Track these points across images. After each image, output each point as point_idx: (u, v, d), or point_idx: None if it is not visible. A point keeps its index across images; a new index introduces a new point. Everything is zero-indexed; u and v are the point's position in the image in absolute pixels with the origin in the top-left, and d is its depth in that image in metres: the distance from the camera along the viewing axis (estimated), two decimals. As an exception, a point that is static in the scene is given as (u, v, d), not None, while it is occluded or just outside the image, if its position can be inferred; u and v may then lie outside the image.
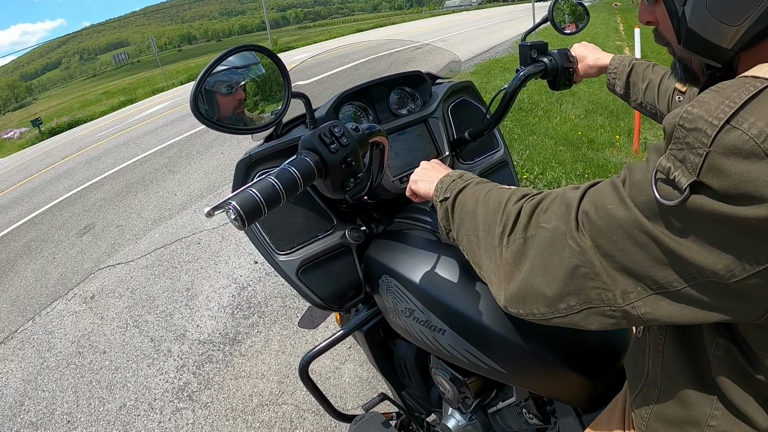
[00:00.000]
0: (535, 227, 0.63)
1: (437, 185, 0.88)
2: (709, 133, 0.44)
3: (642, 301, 0.54)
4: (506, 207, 0.69)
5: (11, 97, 75.57)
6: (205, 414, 2.31)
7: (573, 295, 0.59)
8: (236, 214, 0.68)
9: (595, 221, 0.55)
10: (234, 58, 0.94)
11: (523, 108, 6.01)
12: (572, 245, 0.57)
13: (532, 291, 0.63)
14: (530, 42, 1.23)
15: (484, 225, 0.72)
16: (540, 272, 0.61)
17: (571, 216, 0.58)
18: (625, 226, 0.52)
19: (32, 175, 9.80)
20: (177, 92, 18.44)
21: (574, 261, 0.57)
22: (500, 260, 0.68)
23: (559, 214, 0.60)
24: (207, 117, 0.88)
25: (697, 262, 0.48)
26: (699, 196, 0.45)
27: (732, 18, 0.52)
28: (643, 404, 0.71)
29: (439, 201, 0.85)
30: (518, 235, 0.65)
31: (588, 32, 13.16)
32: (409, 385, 1.38)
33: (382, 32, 29.29)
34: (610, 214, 0.53)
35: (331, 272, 1.15)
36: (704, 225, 0.46)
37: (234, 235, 4.09)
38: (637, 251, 0.52)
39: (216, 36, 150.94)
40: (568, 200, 0.60)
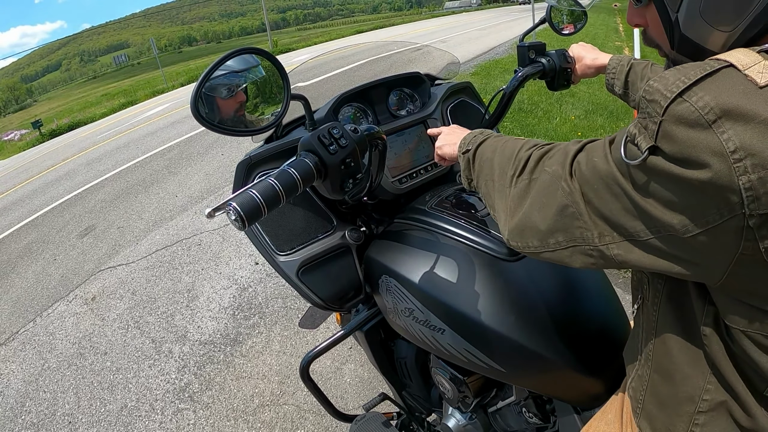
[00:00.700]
0: (539, 171, 0.69)
1: (461, 142, 0.93)
2: (662, 104, 0.49)
3: (615, 245, 0.59)
4: (519, 153, 0.75)
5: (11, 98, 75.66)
6: (206, 414, 2.31)
7: (561, 232, 0.64)
8: (236, 215, 0.68)
9: (583, 170, 0.60)
10: (233, 62, 0.95)
11: (523, 109, 6.02)
12: (564, 187, 0.63)
13: (528, 225, 0.69)
14: (528, 43, 1.23)
15: (499, 169, 0.78)
16: (537, 208, 0.67)
17: (567, 162, 0.64)
18: (605, 177, 0.57)
19: (33, 177, 9.80)
20: (177, 94, 18.45)
21: (564, 200, 0.63)
22: (508, 198, 0.74)
23: (560, 161, 0.66)
24: (207, 119, 0.89)
25: (657, 216, 0.52)
26: (656, 157, 0.50)
27: (725, 23, 0.54)
28: (638, 387, 0.73)
29: (462, 153, 0.90)
30: (525, 177, 0.71)
31: (588, 33, 13.17)
32: (409, 384, 1.38)
33: (382, 33, 29.30)
34: (595, 166, 0.59)
35: (331, 273, 1.16)
36: (661, 184, 0.51)
37: (235, 236, 4.10)
38: (612, 200, 0.57)
39: (216, 37, 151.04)
40: (568, 150, 0.66)
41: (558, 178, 0.64)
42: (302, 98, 1.09)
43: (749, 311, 0.54)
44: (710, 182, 0.46)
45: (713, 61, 0.50)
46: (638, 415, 0.73)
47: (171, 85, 22.82)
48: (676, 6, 0.58)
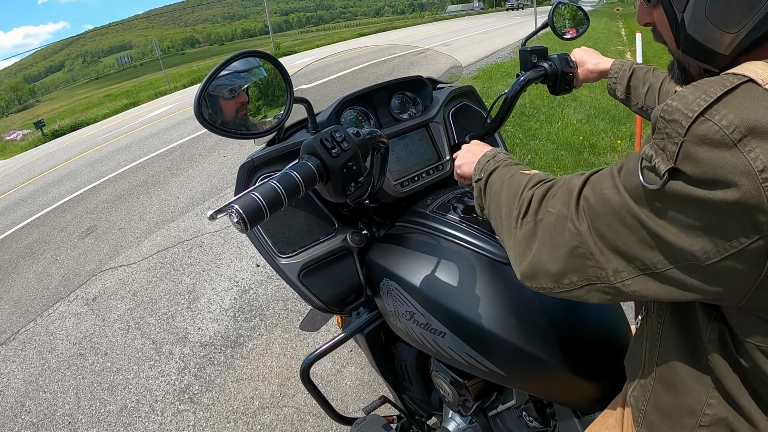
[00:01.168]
0: (543, 212, 0.68)
1: (476, 166, 0.93)
2: (684, 123, 0.47)
3: (632, 280, 0.57)
4: (523, 192, 0.74)
5: (14, 98, 75.82)
6: (206, 416, 2.31)
7: (574, 273, 0.63)
8: (239, 218, 0.69)
9: (593, 205, 0.59)
10: (236, 63, 0.95)
11: (525, 113, 6.02)
12: (571, 228, 0.61)
13: (540, 268, 0.67)
14: (530, 47, 1.23)
15: (506, 207, 0.77)
16: (546, 252, 0.66)
17: (572, 200, 0.62)
18: (617, 209, 0.55)
19: (35, 177, 9.83)
20: (180, 95, 18.51)
21: (573, 242, 0.61)
22: (515, 240, 0.72)
23: (563, 199, 0.64)
24: (210, 122, 0.89)
25: (676, 244, 0.51)
26: (676, 181, 0.48)
27: (730, 25, 0.53)
28: (641, 396, 0.72)
29: (475, 181, 0.91)
30: (530, 219, 0.70)
31: (590, 37, 13.18)
32: (409, 388, 1.38)
33: (385, 37, 29.33)
34: (605, 199, 0.57)
35: (332, 275, 1.16)
36: (682, 208, 0.49)
37: (236, 238, 4.11)
38: (627, 233, 0.55)
39: (219, 40, 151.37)
40: (571, 186, 0.64)
41: (564, 219, 0.63)
42: (305, 101, 1.09)
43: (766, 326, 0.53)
44: (737, 203, 0.45)
45: (731, 76, 0.49)
46: (639, 424, 0.73)
47: (173, 87, 22.91)
48: (682, 6, 0.57)
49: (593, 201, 0.59)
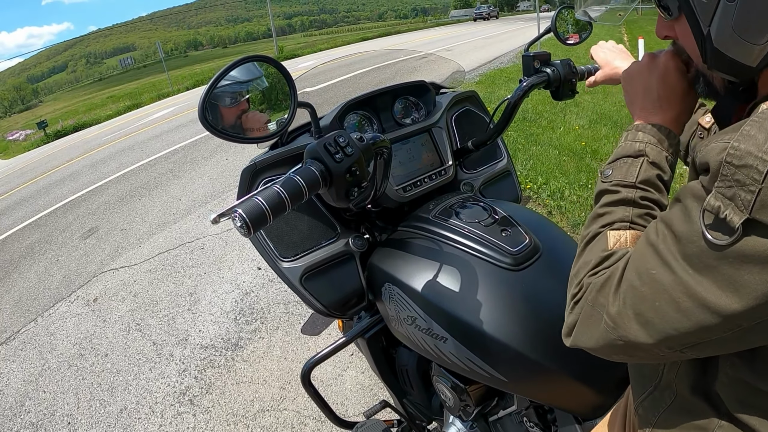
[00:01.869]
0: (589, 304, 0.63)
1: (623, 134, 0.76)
2: (760, 169, 0.43)
3: (688, 351, 0.54)
4: (586, 275, 0.67)
5: (17, 98, 76.04)
6: (206, 418, 2.31)
7: (618, 354, 0.60)
8: (242, 222, 0.69)
9: (639, 289, 0.53)
10: (238, 72, 0.96)
11: (527, 118, 6.03)
12: (608, 321, 0.57)
13: (583, 347, 0.65)
14: (533, 52, 1.24)
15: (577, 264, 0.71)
16: (585, 338, 0.63)
17: (612, 287, 0.58)
18: (671, 289, 0.50)
19: (37, 177, 9.85)
20: (183, 98, 18.55)
21: (610, 336, 0.58)
22: (566, 317, 0.69)
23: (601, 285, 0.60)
24: (214, 126, 0.90)
25: (746, 308, 0.46)
26: (752, 236, 0.44)
27: (757, 37, 0.52)
28: (651, 408, 0.71)
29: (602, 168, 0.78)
30: (579, 310, 0.65)
31: (592, 42, 13.17)
32: (410, 392, 1.38)
33: (388, 41, 29.40)
34: (655, 279, 0.52)
35: (334, 280, 1.16)
36: (759, 266, 0.44)
37: (237, 241, 4.11)
38: (683, 315, 0.50)
39: (222, 42, 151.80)
40: (613, 271, 0.60)
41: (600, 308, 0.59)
42: (308, 106, 1.10)
43: None
44: None
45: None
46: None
47: (176, 89, 22.96)
48: (708, 20, 0.54)
49: (638, 283, 0.54)
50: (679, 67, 0.70)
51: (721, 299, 0.47)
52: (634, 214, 0.68)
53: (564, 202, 3.69)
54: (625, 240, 0.66)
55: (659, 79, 0.71)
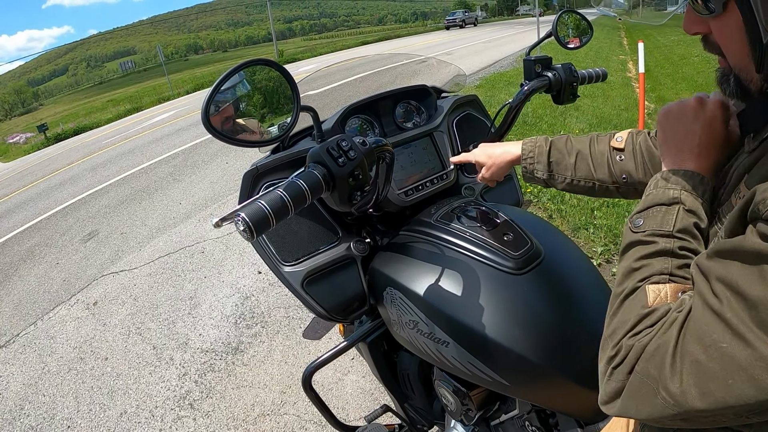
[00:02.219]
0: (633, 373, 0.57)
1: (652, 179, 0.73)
2: None
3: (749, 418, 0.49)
4: (625, 336, 0.60)
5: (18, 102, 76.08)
6: (206, 423, 2.31)
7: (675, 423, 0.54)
8: (245, 226, 0.69)
9: (705, 365, 0.47)
10: (240, 77, 0.96)
11: (528, 122, 6.04)
12: (666, 397, 0.51)
13: (632, 417, 0.60)
14: (534, 56, 1.24)
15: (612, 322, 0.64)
16: (636, 411, 0.56)
17: (666, 360, 0.51)
18: (748, 365, 0.44)
19: (37, 180, 9.85)
20: (183, 101, 18.57)
21: (669, 411, 0.51)
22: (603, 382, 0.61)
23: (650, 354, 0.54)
24: (217, 130, 0.90)
25: None
26: None
27: None
28: None
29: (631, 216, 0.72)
30: (620, 377, 0.58)
31: (592, 47, 13.24)
32: (411, 396, 1.38)
33: (388, 45, 29.47)
34: (726, 354, 0.45)
35: (335, 284, 1.16)
36: None
37: (238, 244, 4.11)
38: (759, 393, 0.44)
39: (222, 46, 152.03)
40: (665, 340, 0.53)
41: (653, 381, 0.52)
42: (311, 110, 1.10)
43: None
44: None
45: None
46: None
47: (177, 93, 22.99)
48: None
49: (704, 358, 0.47)
50: (726, 117, 0.67)
51: None
52: (674, 266, 0.62)
53: (564, 205, 3.69)
54: (666, 294, 0.60)
55: (704, 127, 0.68)
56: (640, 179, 0.91)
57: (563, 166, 1.00)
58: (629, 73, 9.69)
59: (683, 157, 0.69)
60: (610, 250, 3.05)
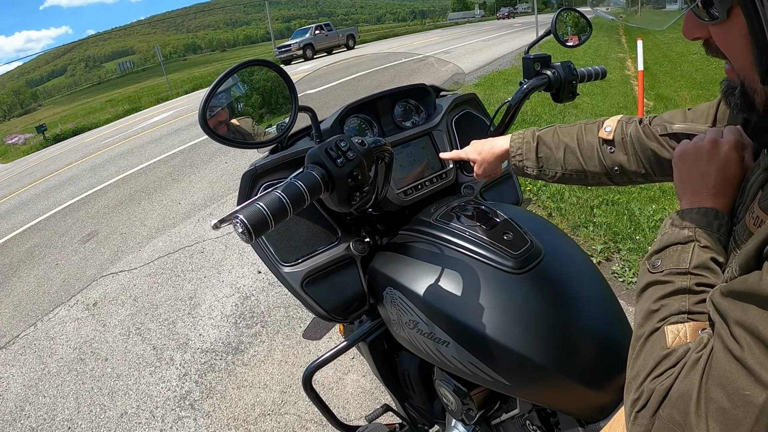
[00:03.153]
0: (657, 417, 0.55)
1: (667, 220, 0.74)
2: None
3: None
4: (647, 379, 0.59)
5: (16, 102, 76.00)
6: (206, 423, 2.30)
7: None
8: (243, 228, 0.68)
9: (730, 411, 0.45)
10: (238, 77, 0.96)
11: (526, 120, 6.03)
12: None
13: None
14: (533, 55, 1.24)
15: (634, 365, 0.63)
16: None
17: (691, 406, 0.50)
18: None
19: (36, 181, 9.85)
20: (182, 101, 18.56)
21: None
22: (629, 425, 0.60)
23: (675, 400, 0.53)
24: (215, 131, 0.90)
25: None
26: None
27: None
28: None
29: (646, 259, 0.72)
30: (644, 421, 0.57)
31: (591, 44, 13.23)
32: (412, 396, 1.38)
33: (386, 44, 29.44)
34: (750, 402, 0.44)
35: (335, 284, 1.16)
36: None
37: (237, 244, 4.11)
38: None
39: (221, 46, 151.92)
40: (688, 386, 0.51)
41: (679, 427, 0.51)
42: (309, 110, 1.10)
43: None
44: None
45: None
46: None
47: (175, 93, 22.97)
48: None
49: (727, 405, 0.46)
50: (740, 157, 0.67)
51: None
52: (691, 303, 0.62)
53: (564, 204, 3.69)
54: (685, 334, 0.59)
55: (719, 169, 0.67)
56: (633, 171, 0.91)
57: (552, 160, 1.01)
58: (628, 70, 9.69)
59: (700, 197, 0.69)
60: (610, 248, 3.05)
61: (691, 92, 6.74)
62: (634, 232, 3.11)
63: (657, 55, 11.61)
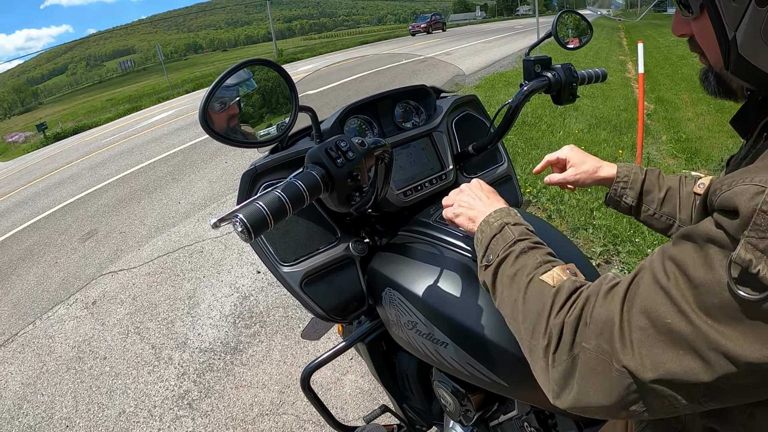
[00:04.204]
0: (578, 346, 0.58)
1: (477, 234, 0.83)
2: None
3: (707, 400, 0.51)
4: (549, 318, 0.62)
5: (17, 101, 76.00)
6: (204, 422, 2.30)
7: (633, 404, 0.55)
8: (243, 227, 0.68)
9: (653, 335, 0.50)
10: (238, 77, 0.96)
11: (527, 122, 6.04)
12: (621, 369, 0.53)
13: (589, 405, 0.58)
14: (534, 57, 1.24)
15: (526, 326, 0.66)
16: (592, 391, 0.57)
17: (615, 332, 0.53)
18: (691, 340, 0.47)
19: (36, 180, 9.85)
20: (182, 101, 18.56)
21: (627, 380, 0.53)
22: (548, 374, 0.62)
23: (598, 331, 0.55)
24: (215, 130, 0.90)
25: None
26: None
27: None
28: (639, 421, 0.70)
29: (480, 266, 0.79)
30: (564, 357, 0.59)
31: (592, 47, 13.24)
32: (410, 397, 1.38)
33: (387, 45, 29.46)
34: (671, 329, 0.48)
35: (334, 284, 1.16)
36: None
37: (237, 244, 4.10)
38: (705, 367, 0.47)
39: (222, 46, 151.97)
40: (607, 314, 0.55)
41: (607, 356, 0.54)
42: (309, 110, 1.10)
43: None
44: None
45: None
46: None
47: (176, 92, 22.98)
48: (734, 24, 0.50)
49: (651, 331, 0.50)
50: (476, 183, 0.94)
51: (749, 351, 0.44)
52: (542, 254, 0.72)
53: (563, 206, 3.69)
54: (558, 274, 0.66)
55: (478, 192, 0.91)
56: None
57: (651, 197, 1.02)
58: (628, 73, 9.69)
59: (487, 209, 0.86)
60: (609, 250, 3.05)
61: (692, 95, 6.74)
62: (634, 234, 3.11)
63: (658, 58, 11.62)
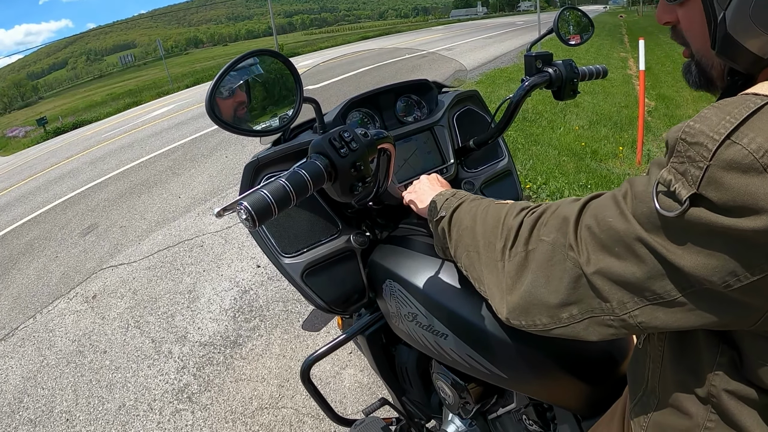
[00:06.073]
0: (535, 240, 0.65)
1: (430, 206, 0.92)
2: (710, 147, 0.45)
3: (639, 311, 0.55)
4: (506, 221, 0.70)
5: (17, 95, 75.87)
6: (204, 416, 2.31)
7: (575, 305, 0.60)
8: (247, 214, 0.69)
9: (596, 234, 0.56)
10: (244, 66, 0.96)
11: (528, 118, 6.03)
12: (573, 256, 0.59)
13: (534, 301, 0.64)
14: (535, 52, 1.24)
15: (484, 240, 0.73)
16: (542, 283, 0.63)
17: (570, 228, 0.60)
18: (625, 238, 0.53)
19: (36, 174, 9.84)
20: (183, 95, 18.53)
21: (576, 271, 0.59)
22: (502, 273, 0.69)
23: (557, 226, 0.62)
24: (221, 118, 0.90)
25: (693, 272, 0.49)
26: (698, 208, 0.47)
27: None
28: (641, 413, 0.71)
29: (434, 220, 0.88)
30: (519, 249, 0.66)
31: (593, 44, 13.22)
32: (409, 390, 1.38)
33: (388, 41, 29.40)
34: (611, 227, 0.54)
35: (335, 276, 1.16)
36: (702, 236, 0.47)
37: (237, 238, 4.11)
38: (635, 263, 0.53)
39: (223, 40, 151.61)
40: (566, 213, 0.62)
41: (561, 247, 0.60)
42: (314, 102, 1.10)
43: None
44: (765, 231, 0.43)
45: (753, 96, 0.47)
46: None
47: (176, 87, 22.94)
48: (725, 3, 0.53)
49: (596, 229, 0.56)
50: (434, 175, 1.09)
51: (670, 254, 0.50)
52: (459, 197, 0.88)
53: (564, 202, 3.69)
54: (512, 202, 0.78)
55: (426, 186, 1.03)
56: None
57: None
58: (630, 70, 9.68)
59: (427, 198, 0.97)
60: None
61: (693, 93, 6.72)
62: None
63: (659, 54, 11.61)
